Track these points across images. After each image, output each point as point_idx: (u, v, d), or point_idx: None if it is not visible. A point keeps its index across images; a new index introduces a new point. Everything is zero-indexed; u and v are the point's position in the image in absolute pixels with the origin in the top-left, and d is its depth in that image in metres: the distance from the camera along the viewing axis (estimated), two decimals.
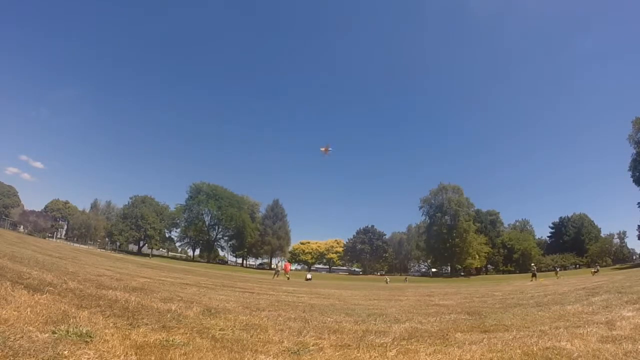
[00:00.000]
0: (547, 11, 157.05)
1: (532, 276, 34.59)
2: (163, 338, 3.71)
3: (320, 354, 3.76)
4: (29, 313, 3.76)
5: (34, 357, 2.63)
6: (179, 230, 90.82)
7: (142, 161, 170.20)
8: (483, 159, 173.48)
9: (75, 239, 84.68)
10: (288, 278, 31.00)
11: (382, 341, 4.47)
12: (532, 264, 45.59)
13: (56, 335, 3.19)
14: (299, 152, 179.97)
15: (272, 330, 4.87)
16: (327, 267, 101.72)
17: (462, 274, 78.79)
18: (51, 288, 5.72)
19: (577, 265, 77.49)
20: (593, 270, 41.23)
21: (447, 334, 5.06)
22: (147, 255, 74.41)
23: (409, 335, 4.97)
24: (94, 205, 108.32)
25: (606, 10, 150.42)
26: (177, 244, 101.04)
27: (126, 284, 8.81)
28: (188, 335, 4.05)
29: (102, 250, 63.13)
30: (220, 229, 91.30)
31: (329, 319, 6.54)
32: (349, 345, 4.17)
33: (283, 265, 39.75)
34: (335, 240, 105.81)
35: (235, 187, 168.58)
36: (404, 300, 12.79)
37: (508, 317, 6.82)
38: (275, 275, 33.14)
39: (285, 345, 4.03)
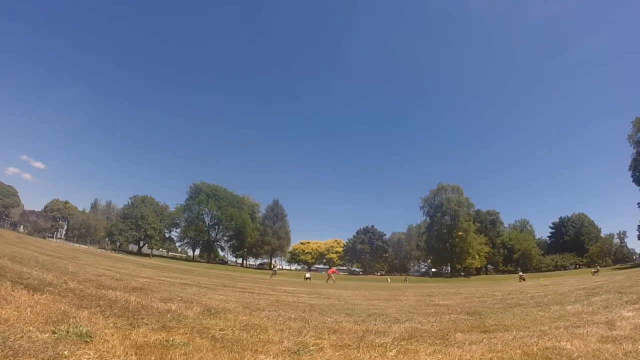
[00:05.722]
0: (547, 12, 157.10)
1: (520, 278, 37.87)
2: (163, 338, 3.71)
3: (320, 354, 3.76)
4: (29, 313, 3.76)
5: (34, 357, 2.63)
6: (179, 230, 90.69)
7: (142, 161, 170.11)
8: (483, 159, 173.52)
9: (75, 239, 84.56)
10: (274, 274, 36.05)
11: (382, 341, 4.47)
12: (519, 268, 50.28)
13: (56, 335, 3.19)
14: (299, 152, 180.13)
15: (272, 330, 4.87)
16: (327, 267, 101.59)
17: (462, 274, 78.70)
18: (51, 288, 5.72)
19: (577, 266, 77.42)
20: (593, 271, 41.29)
21: (447, 334, 5.05)
22: (147, 255, 74.35)
23: (409, 335, 4.97)
24: (94, 205, 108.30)
25: (606, 10, 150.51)
26: (177, 244, 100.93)
27: (126, 284, 8.81)
28: (188, 335, 4.05)
29: (102, 250, 63.02)
30: (220, 229, 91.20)
31: (329, 319, 6.54)
32: (349, 345, 4.17)
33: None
34: (335, 240, 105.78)
35: (235, 187, 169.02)
36: (403, 300, 12.79)
37: (508, 317, 6.82)
38: (273, 275, 35.02)
39: (285, 345, 4.03)
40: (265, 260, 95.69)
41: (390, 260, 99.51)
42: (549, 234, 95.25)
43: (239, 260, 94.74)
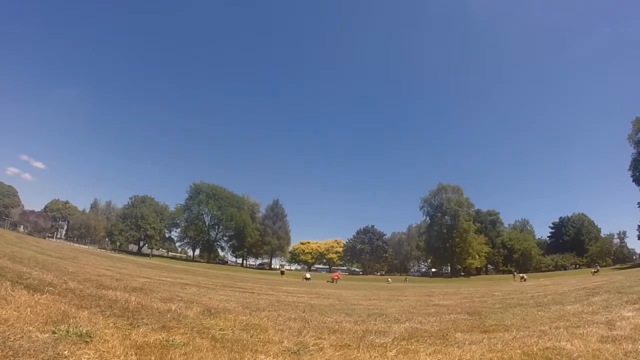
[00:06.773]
0: (547, 12, 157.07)
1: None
2: (163, 338, 3.71)
3: (320, 354, 3.76)
4: (29, 313, 3.76)
5: (34, 357, 2.63)
6: (179, 230, 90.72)
7: (142, 161, 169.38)
8: (483, 159, 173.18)
9: (75, 239, 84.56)
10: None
11: (382, 341, 4.47)
12: (513, 269, 53.58)
13: (56, 335, 3.19)
14: (299, 152, 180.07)
15: (272, 330, 4.88)
16: (327, 267, 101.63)
17: (462, 274, 78.65)
18: (51, 288, 5.72)
19: (577, 265, 77.39)
20: (593, 270, 41.33)
21: (447, 334, 5.06)
22: (147, 255, 74.34)
23: (409, 335, 4.97)
24: (94, 205, 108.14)
25: (606, 10, 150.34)
26: (177, 244, 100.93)
27: (126, 284, 8.81)
28: (188, 335, 4.05)
29: (102, 250, 63.01)
30: (220, 229, 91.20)
31: (329, 319, 6.54)
32: (349, 345, 4.17)
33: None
34: (335, 240, 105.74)
35: (235, 187, 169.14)
36: (403, 300, 12.79)
37: (508, 317, 6.82)
38: (282, 275, 37.55)
39: (285, 345, 4.03)
40: (266, 260, 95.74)
41: (390, 260, 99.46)
42: (549, 234, 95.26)
43: (239, 260, 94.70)
